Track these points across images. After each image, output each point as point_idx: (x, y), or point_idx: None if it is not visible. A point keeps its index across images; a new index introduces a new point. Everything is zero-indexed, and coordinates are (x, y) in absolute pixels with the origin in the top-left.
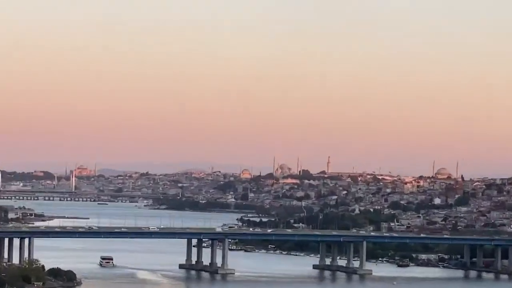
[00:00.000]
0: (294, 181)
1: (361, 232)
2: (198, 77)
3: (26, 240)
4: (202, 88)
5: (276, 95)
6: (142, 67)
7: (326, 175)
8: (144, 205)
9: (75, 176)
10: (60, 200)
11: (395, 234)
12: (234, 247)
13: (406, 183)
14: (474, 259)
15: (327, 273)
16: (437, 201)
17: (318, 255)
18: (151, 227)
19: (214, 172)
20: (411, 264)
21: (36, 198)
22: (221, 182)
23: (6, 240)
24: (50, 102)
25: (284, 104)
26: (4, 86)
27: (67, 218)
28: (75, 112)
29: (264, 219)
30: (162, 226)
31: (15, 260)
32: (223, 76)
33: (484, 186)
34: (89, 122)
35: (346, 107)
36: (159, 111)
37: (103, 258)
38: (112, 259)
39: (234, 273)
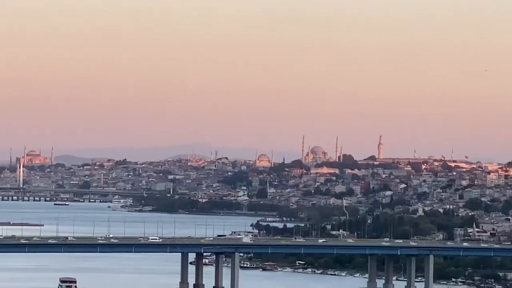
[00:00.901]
0: (331, 170)
1: (426, 241)
2: (191, 30)
3: None
4: (200, 45)
5: (304, 56)
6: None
7: (376, 162)
8: (121, 206)
9: (23, 166)
10: (2, 199)
11: (474, 245)
12: (248, 264)
13: (489, 173)
14: None
15: None
16: None
17: (366, 275)
18: (151, 237)
19: (219, 159)
20: (497, 286)
21: None
22: (229, 173)
23: None
24: None
25: (316, 68)
26: None
27: (13, 224)
28: (24, 81)
29: (289, 225)
30: (155, 236)
31: None
32: (229, 30)
33: None
34: (44, 94)
35: (403, 72)
36: (139, 77)
37: (62, 281)
38: (75, 281)
39: None
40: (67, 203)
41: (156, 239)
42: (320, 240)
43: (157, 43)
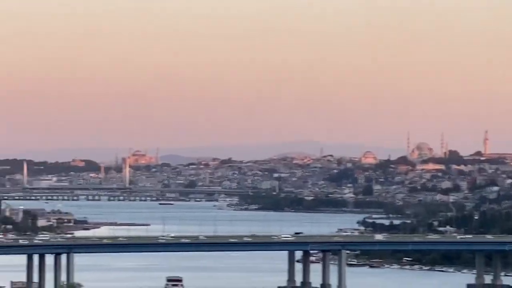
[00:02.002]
0: (437, 166)
1: None
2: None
3: (63, 257)
4: (301, 39)
5: (411, 52)
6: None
7: (483, 158)
8: (227, 205)
9: (129, 166)
10: (109, 199)
11: None
12: (355, 261)
13: None
14: None
15: None
16: None
17: (474, 271)
18: (283, 235)
19: (324, 156)
20: None
21: (75, 198)
22: (335, 171)
23: (36, 257)
24: (89, 68)
25: (422, 65)
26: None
27: (119, 225)
28: (125, 80)
29: (395, 221)
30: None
31: (49, 284)
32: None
33: None
34: (146, 92)
35: (507, 67)
36: (242, 75)
37: (169, 280)
38: (181, 280)
39: None
40: (171, 202)
41: (288, 236)
42: (458, 237)
43: (258, 41)
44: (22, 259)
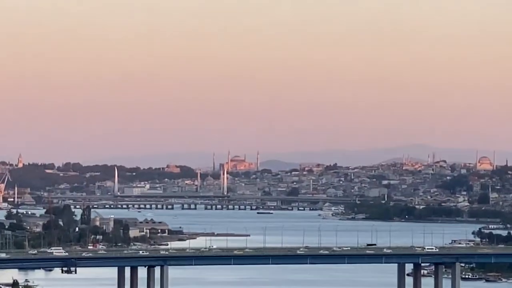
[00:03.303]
0: None
1: None
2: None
3: (157, 270)
4: (408, 45)
5: None
6: None
7: None
8: (332, 214)
9: (227, 172)
10: (206, 208)
11: None
12: (470, 275)
13: None
14: None
15: None
16: None
17: None
18: (427, 247)
19: (437, 162)
20: None
21: (169, 207)
22: (448, 177)
23: (128, 269)
24: (189, 70)
25: None
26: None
27: (218, 235)
28: (221, 83)
29: None
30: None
31: None
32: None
33: None
34: (244, 95)
35: None
36: (349, 78)
37: None
38: None
39: None
40: (271, 211)
41: (433, 248)
42: None
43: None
44: (113, 272)
